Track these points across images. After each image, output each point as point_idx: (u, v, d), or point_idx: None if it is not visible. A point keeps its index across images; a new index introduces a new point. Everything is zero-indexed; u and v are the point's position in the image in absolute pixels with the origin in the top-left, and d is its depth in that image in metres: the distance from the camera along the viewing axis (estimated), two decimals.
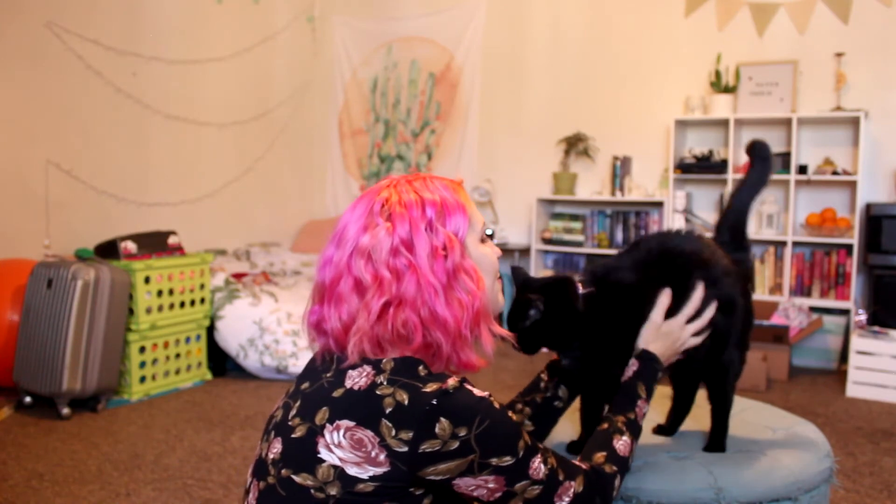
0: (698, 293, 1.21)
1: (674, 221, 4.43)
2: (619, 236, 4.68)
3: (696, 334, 1.22)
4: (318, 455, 0.91)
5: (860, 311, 3.83)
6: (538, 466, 0.95)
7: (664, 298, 1.21)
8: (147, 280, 3.36)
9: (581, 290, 1.21)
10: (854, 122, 4.04)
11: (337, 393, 0.95)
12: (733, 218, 1.36)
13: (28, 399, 3.13)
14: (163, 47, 4.40)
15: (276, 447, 0.97)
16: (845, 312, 4.02)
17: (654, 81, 4.64)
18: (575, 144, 4.80)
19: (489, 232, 1.10)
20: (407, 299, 0.96)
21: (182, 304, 3.54)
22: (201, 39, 4.69)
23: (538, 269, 4.87)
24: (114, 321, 3.14)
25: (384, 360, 0.96)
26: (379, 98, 5.63)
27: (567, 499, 0.97)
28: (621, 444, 1.08)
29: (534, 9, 5.01)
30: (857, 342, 3.48)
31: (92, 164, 4.02)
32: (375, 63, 5.62)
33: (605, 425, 1.10)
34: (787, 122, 4.15)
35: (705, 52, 4.43)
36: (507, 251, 4.93)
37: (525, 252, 4.86)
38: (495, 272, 1.08)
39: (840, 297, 4.02)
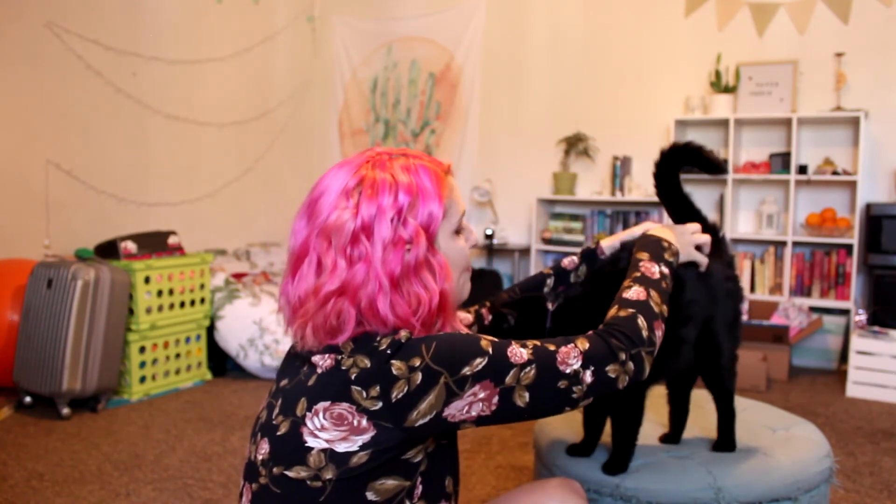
0: (694, 224, 1.29)
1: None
2: None
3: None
4: (306, 444, 0.91)
5: (860, 311, 3.83)
6: (517, 352, 0.93)
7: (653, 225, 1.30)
8: (147, 280, 3.36)
9: (550, 307, 1.22)
10: (854, 122, 4.04)
11: (311, 382, 0.95)
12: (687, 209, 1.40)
13: (28, 399, 3.13)
14: (163, 47, 4.39)
15: (264, 447, 0.97)
16: (845, 312, 4.02)
17: (654, 81, 4.64)
18: (575, 144, 4.80)
19: (489, 232, 1.09)
20: (349, 289, 0.93)
21: (182, 304, 3.54)
22: (201, 39, 4.69)
23: (538, 269, 4.86)
24: (114, 321, 3.14)
25: (343, 343, 0.95)
26: (379, 98, 5.63)
27: (575, 360, 0.94)
28: (631, 293, 1.05)
29: (534, 9, 5.01)
30: (857, 342, 3.48)
31: (92, 164, 4.02)
32: (375, 63, 5.62)
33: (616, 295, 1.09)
34: (787, 122, 4.15)
35: (705, 52, 4.43)
36: (506, 251, 4.93)
37: (525, 252, 4.86)
38: (465, 266, 1.06)
39: (840, 297, 4.02)
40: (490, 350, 0.92)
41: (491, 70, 5.18)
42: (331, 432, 0.90)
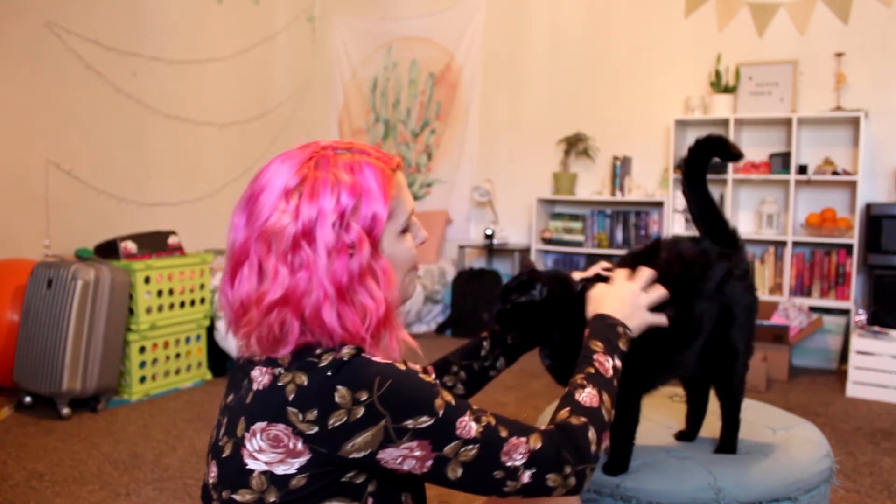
0: (645, 271, 1.19)
1: (674, 221, 4.43)
2: (619, 236, 4.67)
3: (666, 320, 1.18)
4: (247, 467, 0.89)
5: (860, 311, 3.83)
6: (467, 425, 0.89)
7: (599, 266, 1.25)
8: (147, 280, 3.36)
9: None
10: (854, 122, 4.04)
11: (248, 399, 0.92)
12: (712, 217, 1.37)
13: (28, 399, 3.13)
14: (163, 47, 4.40)
15: (213, 470, 0.94)
16: (845, 312, 4.02)
17: (654, 81, 4.64)
18: (575, 144, 4.80)
19: (489, 232, 1.07)
20: (292, 299, 0.88)
21: (182, 304, 3.54)
22: (201, 39, 4.69)
23: (538, 269, 4.86)
24: (114, 321, 3.14)
25: (281, 357, 0.91)
26: (379, 98, 5.64)
27: (520, 457, 0.90)
28: (585, 396, 0.99)
29: (534, 8, 5.01)
30: (857, 342, 3.48)
31: (92, 164, 4.02)
32: (375, 63, 5.63)
33: (567, 389, 1.03)
34: (787, 122, 4.15)
35: (705, 52, 4.43)
36: (506, 251, 4.93)
37: (525, 252, 4.86)
38: (412, 265, 1.02)
39: (840, 297, 4.02)
40: (440, 413, 0.88)
41: (491, 70, 5.18)
42: (268, 454, 0.88)
